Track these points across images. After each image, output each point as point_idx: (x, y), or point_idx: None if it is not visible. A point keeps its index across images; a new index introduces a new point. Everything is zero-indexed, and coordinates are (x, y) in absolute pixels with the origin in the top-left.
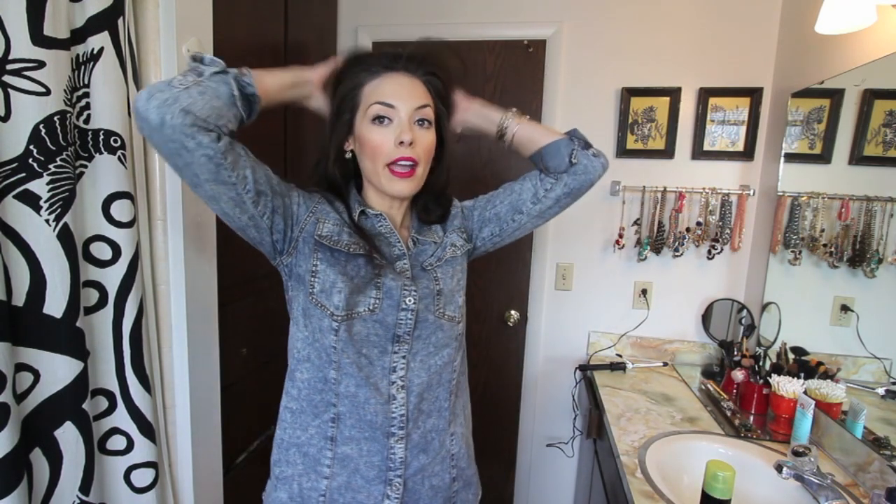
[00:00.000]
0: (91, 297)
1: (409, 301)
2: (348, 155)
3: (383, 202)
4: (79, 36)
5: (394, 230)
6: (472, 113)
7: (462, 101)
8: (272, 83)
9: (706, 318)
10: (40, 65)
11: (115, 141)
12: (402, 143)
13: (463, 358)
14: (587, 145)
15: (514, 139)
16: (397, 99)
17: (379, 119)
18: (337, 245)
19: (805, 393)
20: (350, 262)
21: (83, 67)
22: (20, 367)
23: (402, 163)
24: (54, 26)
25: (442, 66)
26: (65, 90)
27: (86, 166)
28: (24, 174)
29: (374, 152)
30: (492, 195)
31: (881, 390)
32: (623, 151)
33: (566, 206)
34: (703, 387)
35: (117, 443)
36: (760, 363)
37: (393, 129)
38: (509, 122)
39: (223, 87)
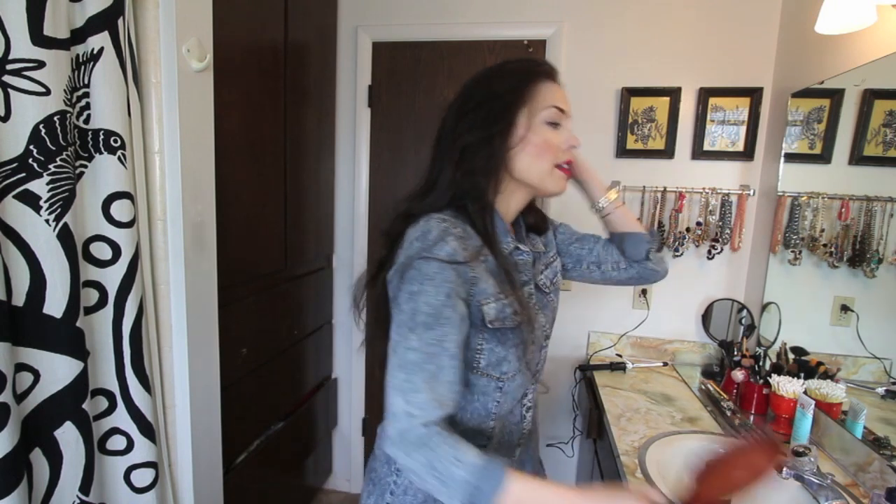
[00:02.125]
0: (91, 297)
1: (546, 342)
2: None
3: (517, 205)
4: (79, 36)
5: (528, 263)
6: (587, 172)
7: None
8: None
9: (706, 318)
10: (40, 65)
11: (115, 141)
12: (572, 147)
13: None
14: (659, 248)
15: (608, 217)
16: (568, 108)
17: (554, 123)
18: (505, 324)
19: (805, 393)
20: (513, 332)
21: (83, 67)
22: (20, 367)
23: (566, 164)
24: (54, 26)
25: None
26: (65, 90)
27: (86, 166)
28: (24, 174)
29: (544, 151)
30: (581, 234)
31: (881, 390)
32: (623, 151)
33: (626, 285)
34: (703, 387)
35: (117, 443)
36: (760, 363)
37: (562, 132)
38: (610, 204)
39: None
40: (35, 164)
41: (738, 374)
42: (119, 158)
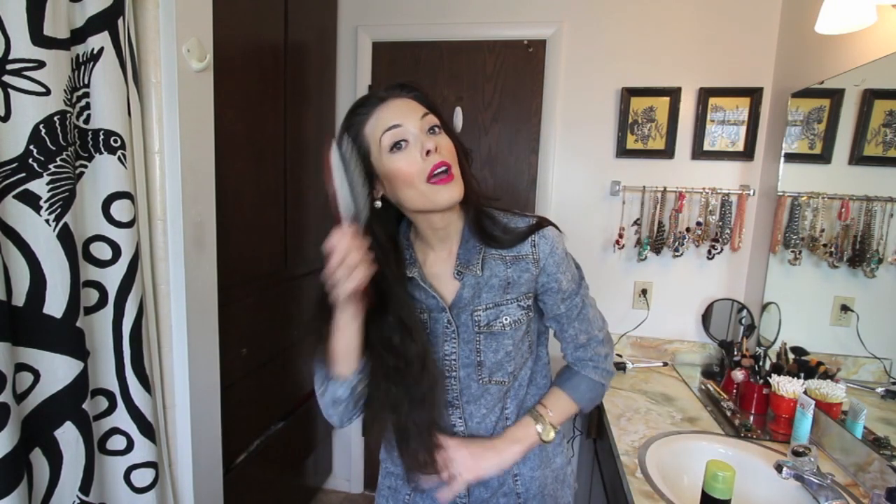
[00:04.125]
0: (91, 296)
1: (453, 370)
2: (378, 203)
3: (436, 228)
4: (79, 36)
5: (431, 290)
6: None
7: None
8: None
9: (706, 318)
10: (40, 65)
11: (115, 141)
12: (428, 152)
13: (522, 404)
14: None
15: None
16: (401, 118)
17: (396, 145)
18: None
19: (805, 393)
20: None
21: (83, 67)
22: (20, 367)
23: (438, 171)
24: (54, 26)
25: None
26: (65, 90)
27: (86, 166)
28: (24, 174)
29: (408, 177)
30: (556, 301)
31: (881, 390)
32: (623, 151)
33: None
34: (703, 387)
35: (117, 443)
36: (760, 363)
37: (412, 147)
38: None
39: None
40: (35, 164)
41: (738, 374)
42: (119, 158)
